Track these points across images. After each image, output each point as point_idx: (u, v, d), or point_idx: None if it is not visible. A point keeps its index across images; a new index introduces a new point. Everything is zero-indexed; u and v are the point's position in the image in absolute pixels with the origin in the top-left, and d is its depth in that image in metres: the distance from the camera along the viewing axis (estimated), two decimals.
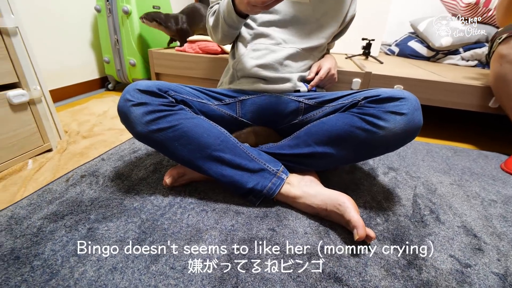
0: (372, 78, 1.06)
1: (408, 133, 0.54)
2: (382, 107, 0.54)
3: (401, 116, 0.53)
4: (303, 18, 0.72)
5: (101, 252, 0.48)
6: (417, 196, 0.70)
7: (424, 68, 1.32)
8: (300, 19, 0.72)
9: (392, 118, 0.53)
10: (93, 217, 0.56)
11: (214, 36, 0.78)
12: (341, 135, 0.57)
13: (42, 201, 0.60)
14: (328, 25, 0.75)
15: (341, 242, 0.53)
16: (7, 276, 0.43)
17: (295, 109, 0.69)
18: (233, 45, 0.83)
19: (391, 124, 0.53)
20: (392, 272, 0.47)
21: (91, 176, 0.70)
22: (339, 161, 0.61)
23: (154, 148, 0.61)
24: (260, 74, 0.71)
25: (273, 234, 0.54)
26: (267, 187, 0.58)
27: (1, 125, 0.69)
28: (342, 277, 0.46)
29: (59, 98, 1.32)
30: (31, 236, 0.51)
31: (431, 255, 0.51)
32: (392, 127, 0.53)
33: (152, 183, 0.68)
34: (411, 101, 0.54)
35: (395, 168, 0.83)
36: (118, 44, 1.37)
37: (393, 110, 0.53)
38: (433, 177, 0.80)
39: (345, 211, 0.52)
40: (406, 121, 0.53)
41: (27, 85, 0.73)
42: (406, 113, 0.53)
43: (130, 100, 0.55)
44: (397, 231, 0.57)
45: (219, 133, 0.60)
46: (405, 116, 0.53)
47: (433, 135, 1.16)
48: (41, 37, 1.20)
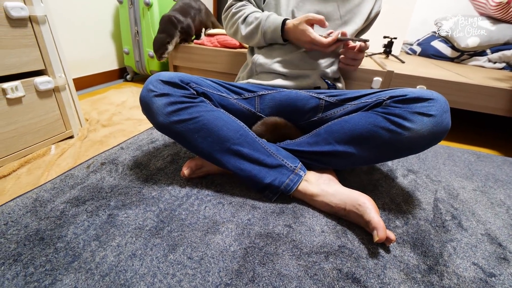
0: (394, 77, 1.03)
1: (435, 135, 0.52)
2: (408, 108, 0.53)
3: (428, 118, 0.51)
4: (326, 15, 0.71)
5: (121, 238, 0.49)
6: (438, 200, 0.68)
7: (448, 69, 1.27)
8: (323, 16, 0.71)
9: (419, 120, 0.51)
10: (113, 204, 0.57)
11: (242, 40, 0.79)
12: (363, 134, 0.56)
13: (65, 185, 0.62)
14: (352, 22, 0.73)
15: (359, 242, 0.52)
16: (33, 256, 0.45)
17: (315, 106, 0.68)
18: None
19: (418, 126, 0.51)
20: (412, 276, 0.46)
21: (110, 164, 0.71)
22: (360, 161, 0.60)
23: (174, 139, 0.61)
24: (280, 70, 0.71)
25: (289, 231, 0.54)
26: (285, 183, 0.58)
27: (29, 110, 0.71)
28: (360, 278, 0.45)
29: (80, 87, 1.35)
30: (55, 218, 0.53)
31: (453, 262, 0.50)
32: (419, 128, 0.51)
33: (170, 174, 0.69)
34: (440, 103, 0.52)
35: (414, 171, 0.81)
36: (138, 35, 1.39)
37: (421, 111, 0.51)
38: (455, 182, 0.77)
39: (365, 212, 0.51)
40: (434, 123, 0.51)
41: (53, 72, 0.75)
42: (435, 114, 0.51)
43: (152, 91, 0.56)
44: (417, 235, 0.55)
45: (239, 127, 0.60)
46: (433, 118, 0.51)
47: (455, 139, 1.12)
48: (65, 27, 1.23)
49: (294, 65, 0.71)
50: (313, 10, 0.70)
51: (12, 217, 0.52)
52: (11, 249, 0.45)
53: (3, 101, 0.65)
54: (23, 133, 0.71)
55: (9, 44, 0.64)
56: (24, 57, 0.68)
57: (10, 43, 0.65)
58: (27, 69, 0.70)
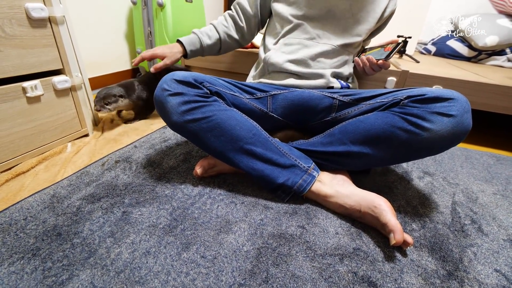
0: (409, 77, 1.01)
1: (455, 136, 0.50)
2: (427, 108, 0.51)
3: (449, 118, 0.49)
4: (338, 13, 0.70)
5: (135, 236, 0.50)
6: (456, 204, 0.65)
7: (466, 68, 1.23)
8: (335, 14, 0.70)
9: (439, 120, 0.50)
10: (127, 201, 0.58)
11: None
12: (379, 135, 0.55)
13: (81, 182, 0.63)
14: (364, 21, 0.71)
15: (375, 245, 0.51)
16: (51, 251, 0.46)
17: (329, 106, 0.67)
18: (264, 38, 0.83)
19: (437, 126, 0.50)
20: (431, 281, 0.45)
21: (124, 162, 0.72)
22: (375, 161, 0.59)
23: (187, 138, 0.61)
24: (292, 69, 0.70)
25: (303, 232, 0.53)
26: (298, 184, 0.57)
27: (47, 108, 0.73)
28: (376, 282, 0.44)
29: (94, 87, 1.38)
30: (71, 215, 0.54)
31: (473, 268, 0.48)
32: (438, 129, 0.50)
33: (182, 172, 0.69)
34: (461, 102, 0.50)
35: (431, 173, 0.78)
36: (151, 36, 1.40)
37: (441, 111, 0.50)
38: (474, 185, 0.75)
39: (381, 214, 0.49)
40: (454, 123, 0.49)
41: (70, 72, 0.77)
42: (455, 115, 0.49)
43: (167, 90, 0.56)
44: (435, 239, 0.54)
45: (252, 126, 0.60)
46: (453, 118, 0.49)
47: (473, 141, 1.08)
48: (80, 27, 1.25)
49: (306, 64, 0.71)
50: (324, 8, 0.69)
51: (31, 213, 0.53)
52: (30, 244, 0.47)
53: (23, 99, 0.67)
54: (41, 130, 0.73)
55: (30, 44, 0.66)
56: (44, 56, 0.70)
57: (31, 43, 0.66)
58: (46, 68, 0.72)
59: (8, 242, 0.47)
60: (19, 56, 0.65)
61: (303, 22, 0.71)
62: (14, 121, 0.66)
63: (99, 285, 0.41)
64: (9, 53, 0.63)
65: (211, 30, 0.82)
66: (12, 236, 0.48)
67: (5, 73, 0.63)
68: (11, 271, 0.42)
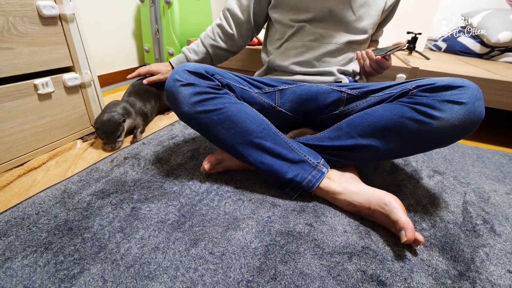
0: (419, 74, 0.99)
1: (467, 124, 0.49)
2: (437, 96, 0.50)
3: (459, 106, 0.48)
4: (340, 12, 0.68)
5: (144, 231, 0.50)
6: (468, 203, 0.64)
7: (477, 65, 1.21)
8: (337, 13, 0.68)
9: (449, 108, 0.48)
10: (136, 197, 0.59)
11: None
12: (388, 126, 0.54)
13: (90, 178, 0.64)
14: (367, 16, 0.70)
15: (384, 244, 0.50)
16: (62, 245, 0.46)
17: (337, 100, 0.66)
18: (265, 42, 0.82)
19: (448, 115, 0.48)
20: (442, 282, 0.44)
21: (133, 159, 0.73)
22: (384, 154, 0.57)
23: (197, 130, 0.61)
24: (298, 70, 0.70)
25: (310, 230, 0.53)
26: (307, 180, 0.57)
27: (57, 105, 0.74)
28: (386, 281, 0.43)
29: (102, 84, 1.40)
30: (82, 210, 0.55)
31: (486, 268, 0.47)
32: (449, 117, 0.48)
33: (190, 169, 0.70)
34: (472, 90, 0.48)
35: (441, 172, 0.77)
36: (159, 33, 1.41)
37: (451, 99, 0.48)
38: (485, 184, 0.73)
39: (392, 211, 0.49)
40: (466, 111, 0.48)
41: (79, 69, 0.78)
42: (466, 102, 0.48)
43: (179, 80, 0.56)
44: (446, 239, 0.53)
45: (262, 121, 0.60)
46: (464, 105, 0.48)
47: (484, 139, 1.06)
48: (89, 25, 1.27)
49: (312, 65, 0.70)
50: (325, 9, 0.68)
51: (42, 207, 0.54)
52: (42, 238, 0.48)
53: (35, 96, 0.68)
54: (52, 127, 0.74)
55: (41, 41, 0.67)
56: (54, 54, 0.71)
57: (42, 41, 0.67)
58: (57, 65, 0.72)
59: (22, 236, 0.48)
60: (30, 53, 0.66)
61: (305, 24, 0.70)
62: (26, 117, 0.67)
63: (109, 279, 0.41)
64: (21, 50, 0.64)
65: (198, 45, 0.84)
66: (25, 230, 0.49)
67: (18, 70, 0.64)
68: (25, 264, 0.43)
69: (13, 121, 0.65)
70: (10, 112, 0.64)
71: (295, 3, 0.70)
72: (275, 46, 0.76)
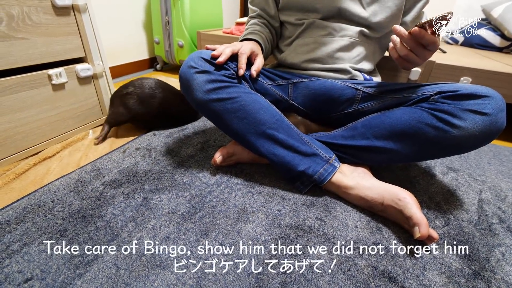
0: (435, 68, 0.96)
1: (487, 135, 0.48)
2: (460, 105, 0.48)
3: (482, 116, 0.47)
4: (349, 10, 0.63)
5: (155, 221, 0.51)
6: (483, 201, 0.62)
7: (497, 59, 1.16)
8: (346, 11, 0.63)
9: (471, 118, 0.47)
10: (147, 188, 0.59)
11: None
12: (406, 131, 0.52)
13: (103, 168, 0.65)
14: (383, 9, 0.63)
15: (396, 240, 0.50)
16: (76, 232, 0.48)
17: (351, 97, 0.64)
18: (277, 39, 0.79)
19: (469, 124, 0.47)
20: (455, 280, 0.43)
21: (144, 150, 0.74)
22: (398, 158, 0.56)
23: (209, 118, 0.61)
24: (311, 67, 0.67)
25: (321, 224, 0.52)
26: (319, 173, 0.56)
27: (70, 96, 0.75)
28: (397, 278, 0.43)
29: (113, 76, 1.41)
30: (95, 199, 0.56)
31: (501, 268, 0.46)
32: (470, 127, 0.47)
33: (200, 161, 0.70)
34: (496, 100, 0.47)
35: (455, 169, 0.75)
36: (169, 25, 1.41)
37: (474, 108, 0.47)
38: (502, 182, 0.71)
39: (406, 207, 0.48)
40: (488, 122, 0.47)
41: (92, 60, 0.78)
42: (490, 113, 0.47)
43: (194, 67, 0.56)
44: (460, 237, 0.52)
45: (275, 112, 0.59)
46: (487, 116, 0.47)
47: (502, 137, 1.02)
48: (100, 17, 1.27)
49: (324, 62, 0.67)
50: (333, 8, 0.63)
51: (57, 195, 0.56)
52: (57, 225, 0.49)
53: (49, 86, 0.69)
54: (65, 117, 0.75)
55: (55, 32, 0.68)
56: (68, 44, 0.71)
57: (56, 31, 0.68)
58: (70, 56, 0.73)
59: (38, 223, 0.49)
60: (44, 44, 0.66)
61: (315, 20, 0.66)
62: (41, 107, 0.69)
63: (122, 266, 0.42)
64: (35, 41, 0.64)
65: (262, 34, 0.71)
66: (41, 217, 0.50)
67: (32, 60, 0.65)
68: (41, 250, 0.44)
69: (28, 111, 0.66)
70: (26, 101, 0.65)
71: (302, 5, 0.66)
72: (285, 43, 0.73)
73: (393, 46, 0.53)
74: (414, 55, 0.50)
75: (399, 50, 0.52)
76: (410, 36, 0.48)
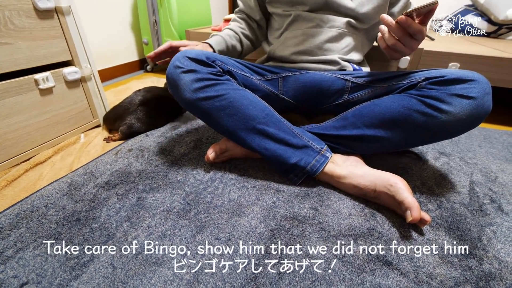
0: (424, 55, 0.97)
1: (474, 119, 0.49)
2: (447, 90, 0.49)
3: (468, 100, 0.48)
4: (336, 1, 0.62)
5: (150, 220, 0.51)
6: (474, 183, 0.63)
7: (484, 44, 1.17)
8: (333, 3, 0.63)
9: (458, 102, 0.48)
10: (141, 188, 0.59)
11: None
12: (395, 118, 0.53)
13: (96, 171, 0.65)
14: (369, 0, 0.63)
15: (389, 225, 0.50)
16: (71, 235, 0.47)
17: (341, 88, 0.65)
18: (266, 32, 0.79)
19: (456, 109, 0.48)
20: (448, 260, 0.44)
21: (137, 150, 0.74)
22: (389, 145, 0.57)
23: (199, 117, 0.61)
24: (299, 59, 0.67)
25: (315, 214, 0.53)
26: (311, 164, 0.57)
27: (59, 100, 0.74)
28: (391, 261, 0.43)
29: (104, 79, 1.39)
30: (89, 201, 0.55)
31: (493, 246, 0.47)
32: (457, 111, 0.48)
33: (193, 159, 0.70)
34: (482, 84, 0.48)
35: (447, 153, 0.76)
36: (157, 25, 1.39)
37: (460, 93, 0.48)
38: (493, 164, 0.72)
39: (397, 192, 0.48)
40: (474, 106, 0.47)
41: (79, 63, 0.77)
42: (476, 96, 0.47)
43: (180, 67, 0.56)
44: (452, 219, 0.52)
45: (264, 107, 0.59)
46: (473, 100, 0.47)
47: (491, 120, 1.04)
48: (86, 20, 1.26)
49: (313, 53, 0.67)
50: (321, 1, 0.63)
51: (50, 200, 0.55)
52: (52, 229, 0.48)
53: (36, 91, 0.68)
54: (55, 122, 0.75)
55: (39, 35, 0.67)
56: (53, 48, 0.71)
57: (40, 35, 0.67)
58: (56, 60, 0.72)
59: (32, 228, 0.49)
60: (29, 48, 0.65)
61: (302, 12, 0.66)
62: (30, 113, 0.68)
63: (118, 266, 0.42)
64: (19, 45, 0.63)
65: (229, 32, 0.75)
66: (35, 222, 0.50)
67: (18, 65, 0.64)
68: (36, 254, 0.44)
69: (17, 117, 0.65)
70: (13, 108, 0.64)
71: None
72: (275, 36, 0.74)
73: (381, 36, 0.53)
74: (401, 45, 0.50)
75: (386, 40, 0.52)
76: (398, 25, 0.48)
